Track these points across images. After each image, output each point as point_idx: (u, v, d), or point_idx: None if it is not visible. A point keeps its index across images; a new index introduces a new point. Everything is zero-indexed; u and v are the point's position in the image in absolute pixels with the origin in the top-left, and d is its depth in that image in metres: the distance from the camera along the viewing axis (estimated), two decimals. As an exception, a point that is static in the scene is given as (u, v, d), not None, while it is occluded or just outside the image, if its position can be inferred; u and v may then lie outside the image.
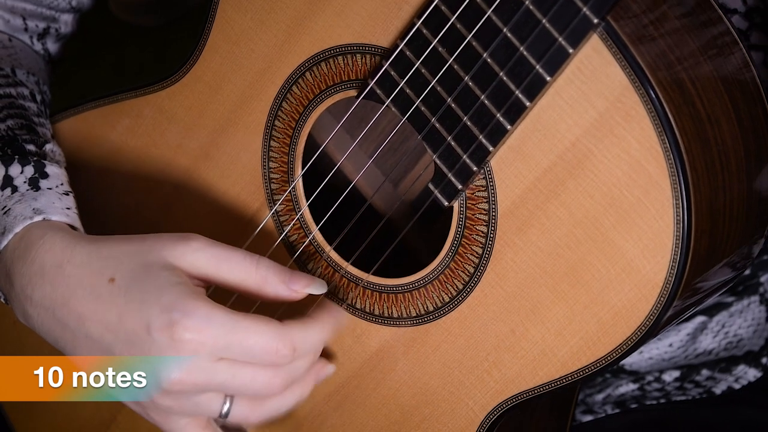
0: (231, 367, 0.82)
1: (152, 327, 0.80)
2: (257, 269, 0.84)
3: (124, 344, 0.82)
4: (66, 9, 1.07)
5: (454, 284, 0.87)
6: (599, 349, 0.83)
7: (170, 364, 0.80)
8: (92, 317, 0.83)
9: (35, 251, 0.86)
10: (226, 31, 0.92)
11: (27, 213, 0.89)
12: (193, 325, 0.79)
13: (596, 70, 0.76)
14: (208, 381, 0.81)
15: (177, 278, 0.81)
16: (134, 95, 0.99)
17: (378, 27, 0.84)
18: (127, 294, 0.81)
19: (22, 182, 0.91)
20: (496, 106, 0.79)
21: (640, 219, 0.78)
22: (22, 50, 1.06)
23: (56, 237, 0.86)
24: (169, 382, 0.81)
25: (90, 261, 0.84)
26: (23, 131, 0.95)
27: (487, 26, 0.78)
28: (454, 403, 0.90)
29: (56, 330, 0.85)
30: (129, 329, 0.81)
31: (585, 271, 0.81)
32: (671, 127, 0.75)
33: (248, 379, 0.82)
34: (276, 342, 0.81)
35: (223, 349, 0.80)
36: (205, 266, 0.83)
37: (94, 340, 0.83)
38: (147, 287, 0.81)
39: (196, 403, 0.84)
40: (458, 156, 0.82)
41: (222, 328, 0.80)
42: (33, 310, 0.86)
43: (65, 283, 0.84)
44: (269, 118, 0.92)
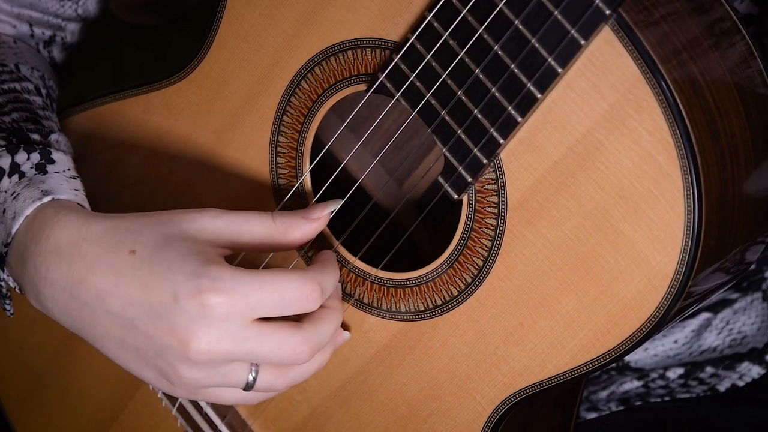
0: (260, 333, 0.81)
1: (180, 295, 0.79)
2: (275, 221, 0.84)
3: (149, 317, 0.80)
4: (72, 17, 1.08)
5: (463, 278, 0.87)
6: (608, 341, 0.83)
7: (198, 331, 0.79)
8: (113, 292, 0.81)
9: (49, 230, 0.85)
10: (235, 26, 0.92)
11: (36, 195, 0.88)
12: (222, 288, 0.79)
13: (608, 61, 0.76)
14: (236, 349, 0.80)
15: (199, 247, 0.81)
16: (142, 91, 0.99)
17: (388, 21, 0.85)
18: (150, 264, 0.80)
19: (29, 168, 0.91)
20: (507, 99, 0.80)
21: (650, 210, 0.78)
22: (27, 50, 1.06)
23: (70, 215, 0.85)
24: (199, 353, 0.80)
25: (107, 236, 0.83)
26: (28, 123, 0.95)
27: (498, 19, 0.78)
28: (462, 397, 0.90)
29: (73, 310, 0.84)
30: (154, 301, 0.80)
31: (594, 263, 0.81)
32: (682, 118, 0.75)
33: (276, 346, 0.81)
34: (304, 285, 0.81)
35: (255, 306, 0.79)
36: (227, 231, 0.82)
37: (115, 316, 0.82)
38: (171, 256, 0.80)
39: (224, 374, 0.83)
40: (469, 149, 0.83)
41: (250, 286, 0.79)
42: (48, 290, 0.85)
43: (82, 260, 0.83)
44: (278, 114, 0.92)
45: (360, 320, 0.93)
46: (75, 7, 1.06)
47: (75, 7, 1.06)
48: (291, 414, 0.99)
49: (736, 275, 0.90)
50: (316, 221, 0.84)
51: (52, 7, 1.06)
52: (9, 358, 1.18)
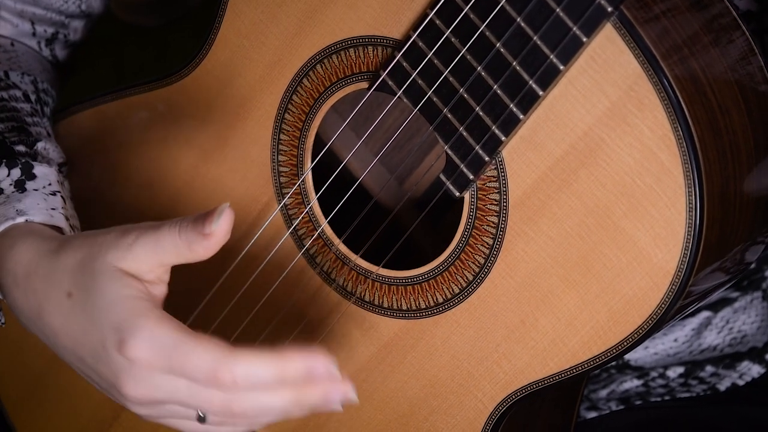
0: (189, 386, 0.79)
1: (106, 346, 0.79)
2: (180, 237, 0.80)
3: (92, 358, 0.81)
4: (76, 14, 1.08)
5: (464, 275, 0.87)
6: (610, 339, 0.83)
7: (128, 382, 0.79)
8: (62, 331, 0.83)
9: (8, 262, 0.86)
10: (237, 24, 0.92)
11: (10, 214, 0.89)
12: (139, 345, 0.78)
13: (609, 59, 0.77)
14: (168, 397, 0.79)
15: (126, 289, 0.80)
16: (143, 90, 0.99)
17: (390, 19, 0.85)
18: (84, 311, 0.81)
19: (8, 185, 0.92)
20: (509, 96, 0.80)
21: (652, 207, 0.78)
22: (23, 53, 1.06)
23: (23, 247, 0.86)
24: (134, 398, 0.80)
25: (50, 274, 0.83)
26: (13, 133, 0.95)
27: (500, 16, 0.78)
28: (463, 395, 0.91)
29: (43, 338, 0.86)
30: (90, 346, 0.81)
31: (596, 261, 0.81)
32: (684, 115, 0.76)
33: (205, 400, 0.79)
34: (215, 366, 0.77)
35: (170, 367, 0.78)
36: (144, 259, 0.81)
37: (68, 352, 0.83)
38: (99, 303, 0.80)
39: (171, 410, 0.82)
40: (470, 146, 0.83)
41: (163, 349, 0.78)
42: (23, 319, 0.87)
43: (35, 296, 0.84)
44: (279, 111, 0.92)
45: (361, 318, 0.93)
46: (79, 3, 1.06)
47: (79, 3, 1.06)
48: (292, 412, 0.99)
49: (736, 275, 0.90)
50: (209, 237, 0.79)
51: (55, 3, 1.06)
52: (9, 358, 1.18)
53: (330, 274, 0.93)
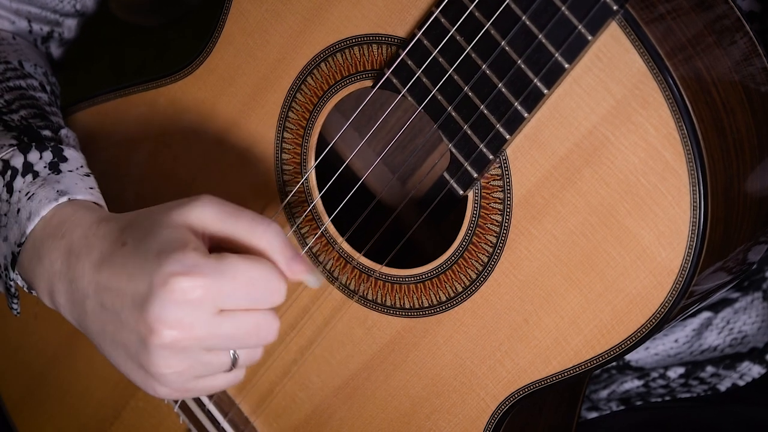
0: (233, 319, 0.79)
1: (153, 282, 0.78)
2: (263, 234, 0.81)
3: (130, 308, 0.80)
4: (71, 13, 1.08)
5: (468, 274, 0.87)
6: (613, 338, 0.83)
7: (169, 318, 0.78)
8: (107, 285, 0.82)
9: (66, 228, 0.86)
10: (241, 22, 0.92)
11: (51, 195, 0.89)
12: (189, 272, 0.77)
13: (614, 57, 0.77)
14: (210, 334, 0.79)
15: (177, 233, 0.80)
16: (146, 87, 0.99)
17: (395, 17, 0.85)
18: (135, 255, 0.80)
19: (42, 167, 0.91)
20: (514, 94, 0.80)
21: (656, 206, 0.78)
22: (27, 47, 1.06)
23: (86, 213, 0.86)
24: (171, 338, 0.78)
25: (112, 232, 0.83)
26: (37, 119, 0.95)
27: (505, 14, 0.78)
28: (465, 393, 0.91)
29: (79, 304, 0.84)
30: (135, 291, 0.79)
31: (600, 259, 0.81)
32: (689, 114, 0.76)
33: (252, 328, 0.80)
34: (274, 279, 0.79)
35: (223, 296, 0.78)
36: (210, 221, 0.81)
37: (106, 309, 0.82)
38: (151, 245, 0.79)
39: (204, 362, 0.81)
40: (475, 145, 0.83)
41: (220, 274, 0.78)
42: (59, 285, 0.86)
43: (88, 255, 0.83)
44: (283, 110, 0.92)
45: (364, 317, 0.93)
46: (74, 2, 1.06)
47: (74, 3, 1.07)
48: (294, 411, 0.99)
49: (738, 275, 0.90)
50: (289, 272, 0.81)
51: (50, 3, 1.06)
52: (10, 357, 1.18)
53: (333, 272, 0.93)
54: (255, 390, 1.01)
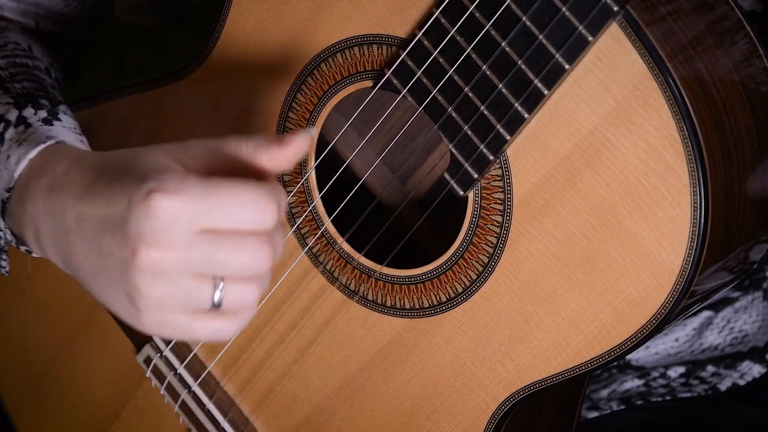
0: (214, 238, 0.75)
1: (132, 201, 0.75)
2: (247, 140, 0.78)
3: (111, 232, 0.77)
4: (78, 17, 1.08)
5: (468, 274, 0.87)
6: (613, 338, 0.83)
7: (149, 237, 0.74)
8: (88, 214, 0.79)
9: (49, 165, 0.84)
10: (241, 22, 0.92)
11: (40, 139, 0.87)
12: (169, 189, 0.74)
13: (615, 58, 0.77)
14: (189, 254, 0.75)
15: (159, 152, 0.78)
16: (146, 87, 0.99)
17: (395, 17, 0.85)
18: (116, 178, 0.78)
19: (36, 120, 0.91)
20: (514, 95, 0.80)
21: (656, 206, 0.78)
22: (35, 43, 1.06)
23: (71, 149, 0.85)
24: (149, 259, 0.75)
25: (95, 163, 0.81)
26: (39, 93, 0.95)
27: (506, 15, 0.78)
28: (466, 394, 0.91)
29: (62, 241, 0.82)
30: (114, 213, 0.77)
31: (600, 260, 0.81)
32: (689, 114, 0.76)
33: (233, 248, 0.75)
34: (260, 197, 0.75)
35: (205, 212, 0.75)
36: (196, 153, 0.78)
37: (87, 239, 0.79)
38: (132, 166, 0.77)
39: (186, 289, 0.77)
40: (475, 145, 0.83)
41: (200, 190, 0.75)
42: (42, 225, 0.83)
43: (71, 188, 0.81)
44: (283, 110, 0.92)
45: (364, 317, 0.93)
46: (80, 7, 1.07)
47: (80, 8, 1.07)
48: (294, 411, 0.99)
49: (740, 275, 0.90)
50: (285, 146, 0.77)
51: (56, 7, 1.06)
52: (10, 357, 1.18)
53: (333, 272, 0.93)
54: (255, 390, 1.01)
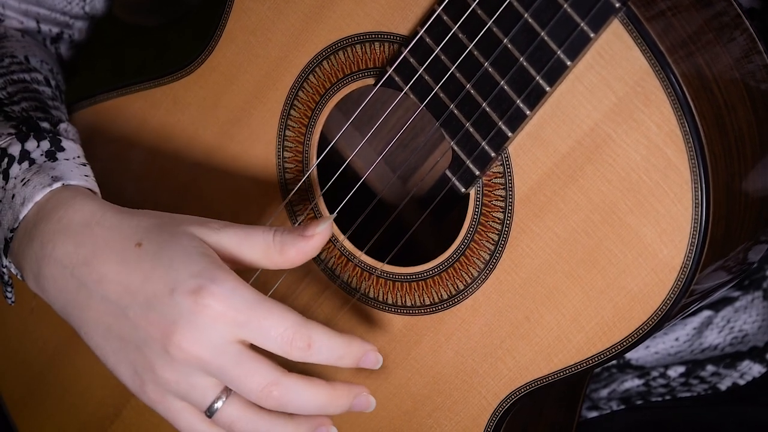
0: (239, 353, 0.81)
1: (177, 290, 0.79)
2: (274, 237, 0.83)
3: (141, 307, 0.81)
4: (80, 15, 1.08)
5: (469, 271, 0.87)
6: (615, 335, 0.83)
7: (185, 327, 0.79)
8: (114, 278, 0.82)
9: (63, 210, 0.86)
10: (243, 20, 0.92)
11: (46, 181, 0.89)
12: (219, 293, 0.79)
13: (616, 54, 0.77)
14: (212, 358, 0.80)
15: (204, 249, 0.82)
16: (148, 86, 0.99)
17: (397, 14, 0.85)
18: (155, 258, 0.81)
19: (39, 155, 0.91)
20: (516, 92, 0.80)
21: (658, 203, 0.78)
22: (35, 44, 1.06)
23: (87, 200, 0.86)
24: (178, 348, 0.80)
25: (120, 225, 0.84)
26: (37, 112, 0.95)
27: (507, 11, 0.79)
28: (467, 391, 0.91)
29: (70, 291, 0.84)
30: (150, 292, 0.81)
31: (602, 256, 0.82)
32: (691, 111, 0.76)
33: (247, 374, 0.80)
34: (294, 330, 0.80)
35: (242, 324, 0.79)
36: (228, 245, 0.83)
37: (110, 302, 0.82)
38: (175, 253, 0.81)
39: (192, 384, 0.82)
40: (477, 142, 0.83)
41: (245, 303, 0.79)
42: (49, 269, 0.85)
43: (92, 243, 0.83)
44: (285, 108, 0.92)
45: (365, 315, 0.93)
46: (82, 4, 1.07)
47: (82, 5, 1.07)
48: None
49: (739, 275, 0.90)
50: (311, 239, 0.83)
51: (59, 5, 1.06)
52: (10, 357, 1.18)
53: (335, 270, 0.93)
54: (256, 388, 1.01)
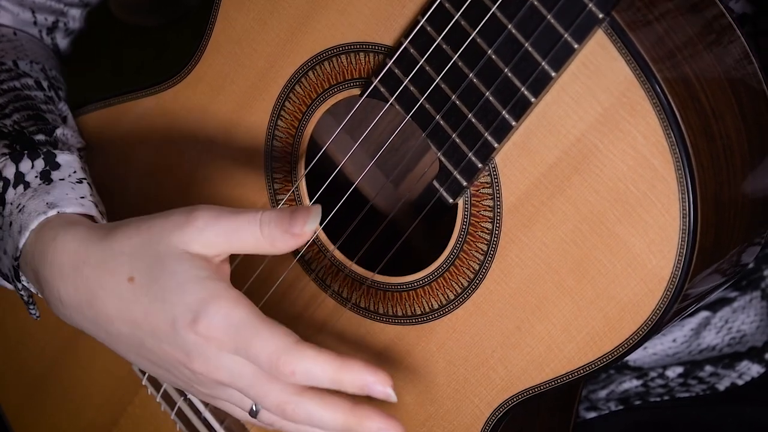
0: (253, 374, 0.81)
1: (177, 325, 0.80)
2: (262, 231, 0.81)
3: (153, 339, 0.82)
4: (75, 3, 1.08)
5: (459, 281, 0.87)
6: (605, 345, 0.83)
7: (197, 358, 0.81)
8: (119, 316, 0.83)
9: (51, 254, 0.86)
10: (228, 30, 0.92)
11: (40, 208, 0.88)
12: (215, 322, 0.79)
13: (601, 65, 0.76)
14: (231, 381, 0.81)
15: (196, 270, 0.81)
16: (136, 96, 0.99)
17: (381, 25, 0.84)
18: (149, 293, 0.81)
19: (34, 177, 0.91)
20: (501, 103, 0.79)
21: (645, 213, 0.78)
22: (28, 41, 1.06)
23: (67, 237, 0.86)
24: (201, 373, 0.81)
25: (105, 259, 0.83)
26: (30, 122, 0.95)
27: (491, 23, 0.78)
28: (459, 400, 0.90)
29: (92, 328, 0.85)
30: (155, 327, 0.81)
31: (591, 267, 0.81)
32: (677, 121, 0.75)
33: (261, 393, 0.81)
34: (278, 354, 0.79)
35: (239, 350, 0.80)
36: (216, 244, 0.82)
37: (126, 336, 0.83)
38: (168, 285, 0.80)
39: (228, 395, 0.84)
40: (463, 153, 0.83)
41: (234, 329, 0.79)
42: (65, 310, 0.86)
43: (85, 285, 0.84)
44: (272, 118, 0.92)
45: (357, 324, 0.93)
46: None
47: None
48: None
49: (733, 276, 0.89)
50: (298, 237, 0.81)
51: None
52: (9, 363, 1.18)
53: (325, 280, 0.93)
54: (251, 397, 1.01)
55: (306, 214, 0.81)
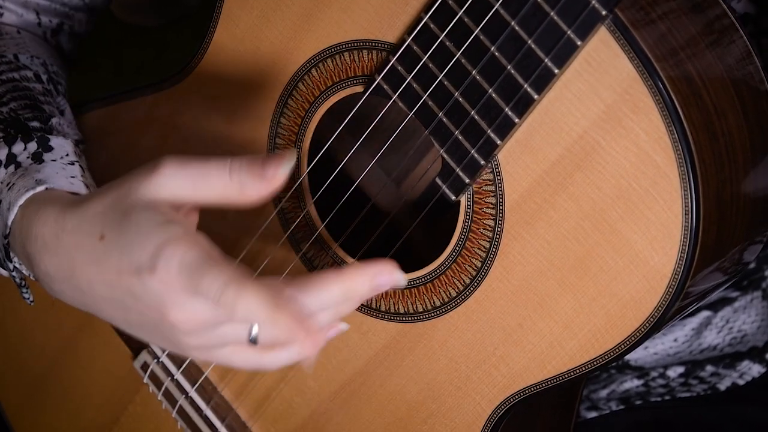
0: (227, 300, 0.75)
1: (142, 275, 0.76)
2: (231, 177, 0.78)
3: (130, 297, 0.79)
4: (79, 6, 1.08)
5: (461, 279, 0.87)
6: (607, 342, 0.83)
7: (171, 308, 0.76)
8: (98, 279, 0.80)
9: (35, 228, 0.84)
10: (231, 29, 0.92)
11: (29, 184, 0.87)
12: (173, 268, 0.75)
13: (604, 62, 0.76)
14: (213, 317, 0.77)
15: (159, 216, 0.77)
16: (136, 96, 0.99)
17: (384, 22, 0.84)
18: (117, 248, 0.78)
19: (26, 158, 0.91)
20: (504, 100, 0.80)
21: (648, 210, 0.78)
22: (31, 40, 1.06)
23: (48, 208, 0.84)
24: (182, 322, 0.77)
25: (81, 224, 0.81)
26: (26, 110, 0.95)
27: (494, 20, 0.78)
28: (461, 398, 0.90)
29: (79, 297, 0.83)
30: (126, 283, 0.78)
31: (593, 264, 0.81)
32: (679, 118, 0.75)
33: (243, 317, 0.75)
34: (221, 291, 0.74)
35: (191, 291, 0.76)
36: (183, 192, 0.78)
37: (108, 299, 0.81)
38: (132, 236, 0.77)
39: (220, 335, 0.79)
40: (466, 150, 0.83)
41: (191, 270, 0.75)
42: (55, 284, 0.84)
43: (65, 252, 0.81)
44: (275, 116, 0.92)
45: (359, 322, 0.93)
46: None
47: None
48: (291, 416, 0.99)
49: (734, 275, 0.89)
50: (269, 181, 0.77)
51: None
52: (9, 362, 1.18)
53: (327, 277, 0.93)
54: (252, 395, 1.01)
55: (280, 157, 0.77)
